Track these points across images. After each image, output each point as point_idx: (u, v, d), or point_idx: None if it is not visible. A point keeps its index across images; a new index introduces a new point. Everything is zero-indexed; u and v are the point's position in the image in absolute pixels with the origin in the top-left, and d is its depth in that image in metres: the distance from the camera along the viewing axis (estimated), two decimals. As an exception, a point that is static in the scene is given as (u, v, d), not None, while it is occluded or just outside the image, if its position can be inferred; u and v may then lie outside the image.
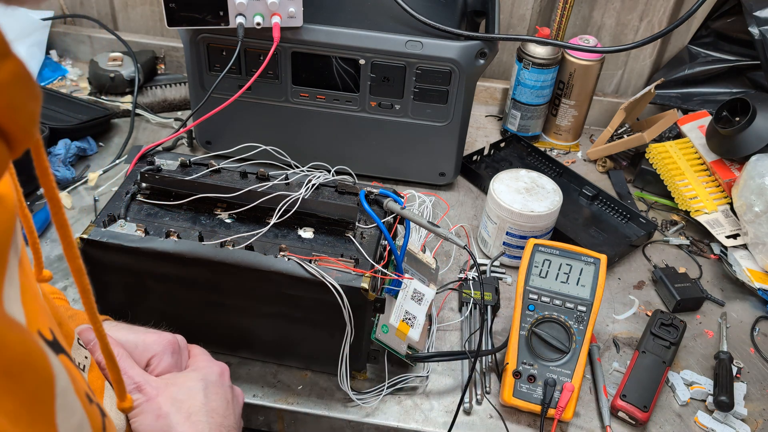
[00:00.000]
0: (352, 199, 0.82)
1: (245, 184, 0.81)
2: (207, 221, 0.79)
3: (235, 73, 1.05)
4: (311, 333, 0.80)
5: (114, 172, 1.13)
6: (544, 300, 0.86)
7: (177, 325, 0.85)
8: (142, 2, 1.39)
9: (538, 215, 0.97)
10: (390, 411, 0.83)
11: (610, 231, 1.10)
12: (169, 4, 0.94)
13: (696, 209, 1.12)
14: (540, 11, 1.32)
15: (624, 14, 1.30)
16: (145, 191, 0.82)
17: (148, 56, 1.33)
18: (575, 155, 1.30)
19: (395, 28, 1.02)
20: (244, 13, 0.95)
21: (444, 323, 0.95)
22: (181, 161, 0.84)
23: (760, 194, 1.01)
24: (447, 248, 1.06)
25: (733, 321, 1.00)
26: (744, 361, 0.94)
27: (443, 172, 1.14)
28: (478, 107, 1.38)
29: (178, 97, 1.30)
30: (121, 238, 0.75)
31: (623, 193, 1.20)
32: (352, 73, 1.04)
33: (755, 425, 0.86)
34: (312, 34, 1.00)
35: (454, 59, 1.00)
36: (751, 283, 1.02)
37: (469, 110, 1.07)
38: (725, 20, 1.25)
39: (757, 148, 1.07)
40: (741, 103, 1.10)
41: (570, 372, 0.82)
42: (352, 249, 0.77)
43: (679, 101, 1.30)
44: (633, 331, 0.97)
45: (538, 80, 1.22)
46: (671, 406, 0.88)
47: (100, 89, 1.30)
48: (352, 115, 1.08)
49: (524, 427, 0.83)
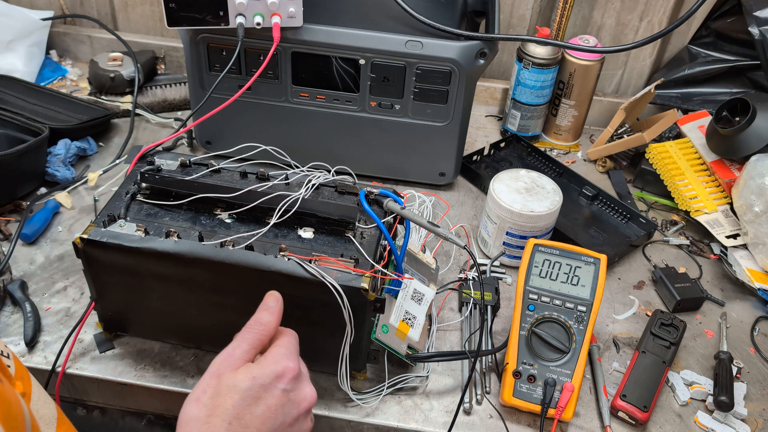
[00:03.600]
0: (352, 199, 0.82)
1: (245, 184, 0.81)
2: (207, 221, 0.79)
3: (235, 73, 1.05)
4: (311, 333, 0.80)
5: (114, 172, 1.13)
6: (544, 300, 0.86)
7: (177, 325, 0.85)
8: (142, 2, 1.39)
9: (538, 215, 0.97)
10: (390, 411, 0.83)
11: (610, 231, 1.10)
12: (169, 4, 0.94)
13: (696, 209, 1.12)
14: (540, 11, 1.32)
15: (624, 14, 1.30)
16: (145, 191, 0.82)
17: (148, 56, 1.33)
18: (575, 155, 1.30)
19: (395, 28, 1.02)
20: (244, 13, 0.95)
21: (444, 323, 0.95)
22: (181, 161, 0.84)
23: (760, 194, 1.01)
24: (447, 248, 1.06)
25: (733, 321, 1.00)
26: (744, 361, 0.94)
27: (443, 172, 1.14)
28: (478, 107, 1.38)
29: (178, 97, 1.30)
30: (121, 238, 0.75)
31: (623, 193, 1.20)
32: (352, 73, 1.04)
33: (755, 425, 0.86)
34: (312, 34, 1.00)
35: (454, 59, 1.00)
36: (751, 283, 1.02)
37: (469, 110, 1.07)
38: (725, 20, 1.25)
39: (757, 148, 1.07)
40: (741, 103, 1.10)
41: (570, 372, 0.82)
42: (352, 249, 0.77)
43: (679, 101, 1.30)
44: (633, 331, 0.97)
45: (538, 80, 1.22)
46: (671, 406, 0.88)
47: (100, 89, 1.30)
48: (352, 115, 1.08)
49: (524, 427, 0.83)
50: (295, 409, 0.58)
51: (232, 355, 0.58)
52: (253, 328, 0.60)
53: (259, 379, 0.56)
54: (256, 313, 0.61)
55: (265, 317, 0.61)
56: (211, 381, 0.56)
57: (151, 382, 0.84)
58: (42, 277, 0.96)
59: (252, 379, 0.56)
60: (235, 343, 0.59)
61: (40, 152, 1.08)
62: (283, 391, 0.57)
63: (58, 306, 0.92)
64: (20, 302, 0.90)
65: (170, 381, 0.84)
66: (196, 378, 0.84)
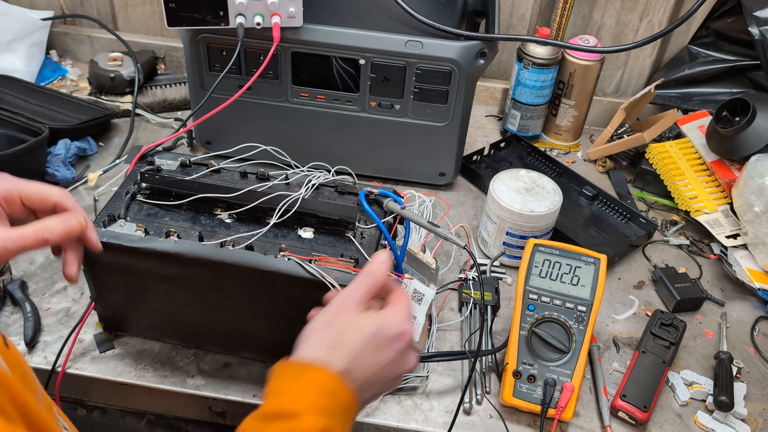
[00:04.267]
0: (352, 199, 0.82)
1: (245, 184, 0.81)
2: (207, 221, 0.79)
3: (235, 73, 1.05)
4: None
5: (114, 172, 1.13)
6: (544, 300, 0.86)
7: (177, 325, 0.85)
8: (142, 2, 1.39)
9: (538, 215, 0.97)
10: (390, 411, 0.83)
11: (610, 231, 1.10)
12: (169, 4, 0.94)
13: (696, 209, 1.12)
14: (540, 11, 1.32)
15: (624, 14, 1.30)
16: (145, 191, 0.82)
17: (148, 56, 1.33)
18: (575, 155, 1.30)
19: (395, 28, 1.02)
20: (244, 13, 0.95)
21: (444, 323, 0.95)
22: (181, 161, 0.84)
23: (760, 194, 1.01)
24: (447, 248, 1.06)
25: (733, 321, 1.00)
26: (744, 361, 0.94)
27: (443, 172, 1.14)
28: (478, 107, 1.38)
29: (178, 97, 1.30)
30: (121, 238, 0.75)
31: (623, 193, 1.20)
32: (352, 73, 1.04)
33: (755, 425, 0.86)
34: (312, 34, 1.00)
35: (454, 59, 1.00)
36: (751, 283, 1.02)
37: (469, 110, 1.07)
38: (725, 20, 1.25)
39: (757, 148, 1.07)
40: (741, 103, 1.10)
41: (570, 372, 0.82)
42: (352, 249, 0.77)
43: (679, 101, 1.30)
44: (633, 331, 0.97)
45: (538, 80, 1.22)
46: (671, 406, 0.88)
47: (100, 89, 1.30)
48: (352, 115, 1.08)
49: (524, 427, 0.83)
50: (399, 368, 0.63)
51: (353, 297, 0.62)
52: (369, 276, 0.64)
53: (383, 330, 0.60)
54: (369, 264, 0.65)
55: (380, 269, 0.64)
56: (336, 316, 0.61)
57: (151, 382, 0.84)
58: (42, 277, 0.96)
59: (378, 328, 0.60)
60: (354, 286, 0.63)
61: (40, 152, 1.08)
62: (397, 350, 0.61)
63: (58, 306, 0.92)
64: (20, 302, 0.90)
65: (170, 381, 0.84)
66: (196, 378, 0.85)
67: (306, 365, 0.58)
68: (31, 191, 0.64)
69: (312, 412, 0.54)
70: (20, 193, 0.63)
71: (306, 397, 0.55)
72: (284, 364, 0.58)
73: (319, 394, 0.55)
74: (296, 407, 0.54)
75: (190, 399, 0.84)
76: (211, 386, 0.84)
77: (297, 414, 0.54)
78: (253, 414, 0.55)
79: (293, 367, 0.58)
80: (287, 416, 0.54)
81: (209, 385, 0.84)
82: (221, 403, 0.84)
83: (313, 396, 0.55)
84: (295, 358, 0.59)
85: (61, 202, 0.64)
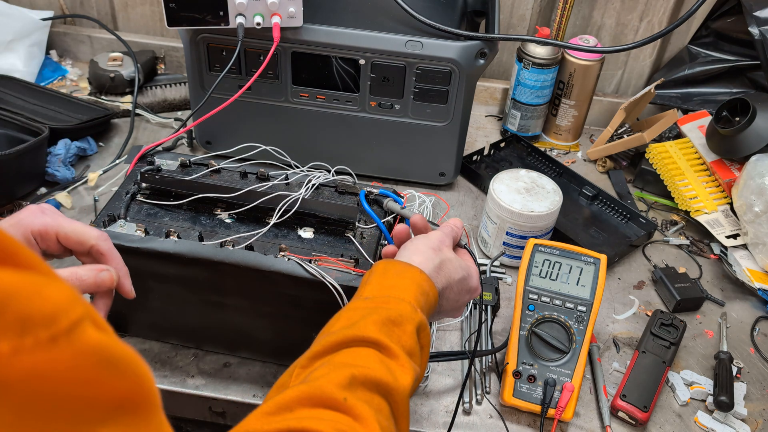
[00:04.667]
0: (352, 199, 0.82)
1: (245, 184, 0.81)
2: (207, 221, 0.79)
3: (235, 73, 1.05)
4: (311, 333, 0.80)
5: (114, 172, 1.13)
6: (544, 300, 0.86)
7: (177, 325, 0.85)
8: (142, 2, 1.39)
9: (538, 215, 0.97)
10: (390, 411, 0.83)
11: (610, 231, 1.10)
12: (169, 4, 0.94)
13: (696, 209, 1.12)
14: (540, 11, 1.32)
15: (624, 14, 1.30)
16: (145, 191, 0.82)
17: (148, 56, 1.33)
18: (575, 155, 1.30)
19: (395, 28, 1.02)
20: (244, 13, 0.95)
21: (444, 323, 0.95)
22: (181, 161, 0.84)
23: (760, 194, 1.01)
24: (447, 248, 1.06)
25: (733, 321, 1.00)
26: (744, 361, 0.94)
27: (443, 172, 1.14)
28: (478, 107, 1.38)
29: (178, 97, 1.30)
30: (121, 238, 0.75)
31: (623, 193, 1.20)
32: (352, 73, 1.04)
33: (755, 425, 0.86)
34: (312, 34, 1.00)
35: (454, 59, 1.00)
36: (751, 283, 1.02)
37: (469, 110, 1.07)
38: (725, 20, 1.25)
39: (757, 148, 1.07)
40: (741, 103, 1.10)
41: (570, 372, 0.82)
42: (352, 249, 0.77)
43: (679, 101, 1.30)
44: (633, 331, 0.97)
45: (538, 80, 1.22)
46: (671, 406, 0.88)
47: (100, 89, 1.30)
48: (352, 115, 1.08)
49: (524, 427, 0.83)
50: (457, 312, 0.75)
51: (448, 237, 0.73)
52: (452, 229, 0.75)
53: (470, 279, 0.73)
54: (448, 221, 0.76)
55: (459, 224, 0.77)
56: (440, 246, 0.71)
57: (151, 382, 0.84)
58: (42, 277, 0.95)
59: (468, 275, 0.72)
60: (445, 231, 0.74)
61: (40, 152, 1.08)
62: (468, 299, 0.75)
63: (58, 306, 0.92)
64: (20, 302, 0.90)
65: (170, 381, 0.84)
66: (196, 378, 0.85)
67: (412, 267, 0.66)
68: (69, 231, 0.63)
69: (414, 302, 0.63)
70: (58, 231, 0.63)
71: (408, 291, 0.63)
72: (389, 262, 0.67)
73: (418, 291, 0.64)
74: (402, 295, 0.63)
75: (190, 399, 0.84)
76: (211, 386, 0.84)
77: (403, 300, 0.62)
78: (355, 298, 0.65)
79: (400, 266, 0.66)
80: (396, 299, 0.62)
81: (209, 385, 0.84)
82: (221, 403, 0.84)
83: (413, 291, 0.64)
84: (403, 260, 0.68)
85: (97, 245, 0.64)
